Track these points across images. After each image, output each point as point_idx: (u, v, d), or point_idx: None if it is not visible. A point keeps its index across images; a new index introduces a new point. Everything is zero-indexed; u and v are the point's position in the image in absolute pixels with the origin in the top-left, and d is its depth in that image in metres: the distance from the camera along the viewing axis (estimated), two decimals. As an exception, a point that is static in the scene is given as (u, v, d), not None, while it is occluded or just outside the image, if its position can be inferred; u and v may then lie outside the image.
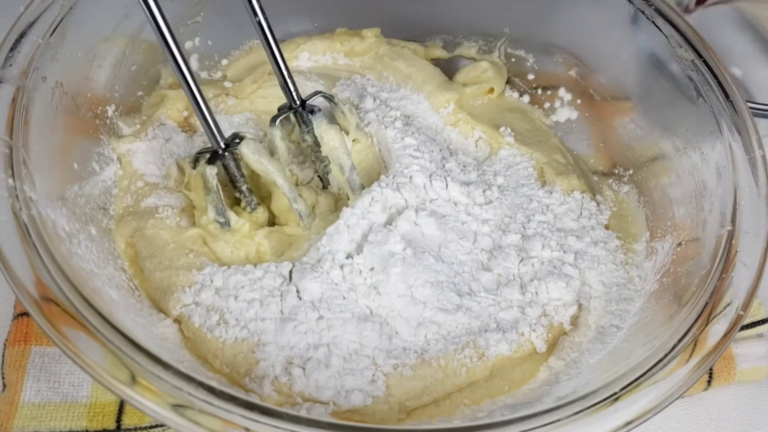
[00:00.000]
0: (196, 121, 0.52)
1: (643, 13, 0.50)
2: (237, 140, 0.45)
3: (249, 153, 0.45)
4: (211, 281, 0.43)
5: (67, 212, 0.40)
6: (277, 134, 0.48)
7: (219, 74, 0.56)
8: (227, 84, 0.54)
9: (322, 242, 0.44)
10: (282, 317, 0.41)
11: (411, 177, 0.48)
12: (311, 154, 0.50)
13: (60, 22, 0.42)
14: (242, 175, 0.46)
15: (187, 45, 0.54)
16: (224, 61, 0.57)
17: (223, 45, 0.57)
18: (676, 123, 0.49)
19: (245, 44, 0.58)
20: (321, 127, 0.48)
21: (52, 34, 0.42)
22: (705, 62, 0.47)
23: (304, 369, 0.39)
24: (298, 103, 0.48)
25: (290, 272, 0.43)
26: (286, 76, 0.46)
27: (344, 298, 0.42)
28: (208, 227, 0.45)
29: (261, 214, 0.48)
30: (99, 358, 0.32)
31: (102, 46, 0.47)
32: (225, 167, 0.45)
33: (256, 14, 0.44)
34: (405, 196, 0.47)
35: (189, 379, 0.31)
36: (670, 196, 0.48)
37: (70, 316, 0.32)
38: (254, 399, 0.32)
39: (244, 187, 0.47)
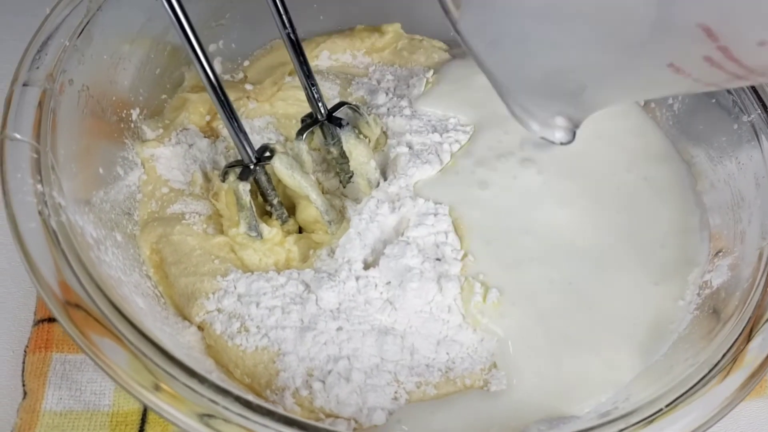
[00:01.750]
0: (219, 126, 0.52)
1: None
2: (267, 153, 0.44)
3: (282, 168, 0.44)
4: (235, 287, 0.42)
5: (94, 218, 0.39)
6: (303, 147, 0.47)
7: (240, 75, 0.56)
8: (248, 87, 0.53)
9: (337, 253, 0.44)
10: (302, 326, 0.40)
11: (411, 174, 0.47)
12: (336, 166, 0.49)
13: (87, 24, 0.42)
14: (273, 189, 0.45)
15: (211, 48, 0.53)
16: (245, 62, 0.56)
17: (246, 46, 0.56)
18: (710, 132, 0.48)
19: (267, 44, 0.57)
20: (350, 142, 0.47)
21: (78, 37, 0.41)
22: (740, 69, 0.46)
23: (324, 383, 0.38)
24: (324, 115, 0.47)
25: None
26: (314, 91, 0.45)
27: (363, 309, 0.41)
28: (236, 238, 0.45)
29: (292, 225, 0.48)
30: (129, 367, 0.31)
31: (127, 48, 0.46)
32: (256, 181, 0.44)
33: (285, 27, 0.43)
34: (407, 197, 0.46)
35: (225, 392, 0.30)
36: (705, 206, 0.47)
37: (103, 325, 0.32)
38: (288, 413, 0.31)
39: (275, 201, 0.46)
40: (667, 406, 0.32)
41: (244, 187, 0.43)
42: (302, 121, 0.48)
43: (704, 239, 0.46)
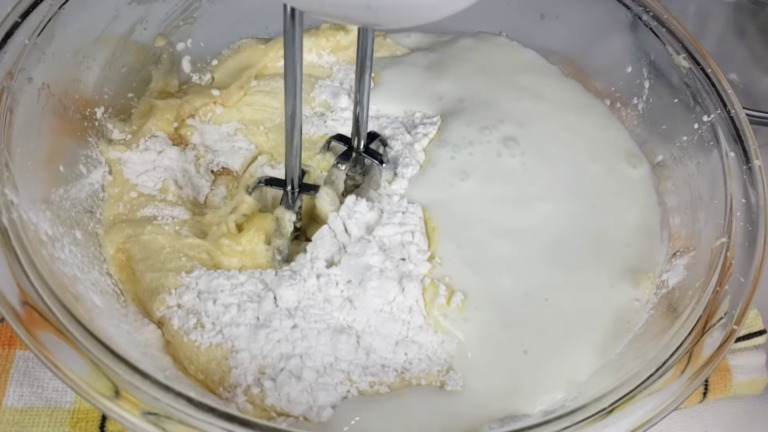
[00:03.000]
0: (187, 133, 0.51)
1: (640, 19, 0.50)
2: (302, 177, 0.44)
3: (326, 205, 0.45)
4: (197, 284, 0.42)
5: (51, 216, 0.39)
6: (341, 177, 0.47)
7: (208, 76, 0.55)
8: (214, 92, 0.53)
9: (308, 249, 0.44)
10: (257, 323, 0.40)
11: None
12: (351, 188, 0.50)
13: (48, 22, 0.42)
14: (299, 212, 0.45)
15: (179, 47, 0.53)
16: (214, 61, 0.56)
17: (215, 45, 0.56)
18: (672, 131, 0.48)
19: (235, 43, 0.57)
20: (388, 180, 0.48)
21: (39, 35, 0.41)
22: (703, 70, 0.46)
23: (275, 381, 0.38)
24: (363, 147, 0.47)
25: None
26: (364, 124, 0.46)
27: (321, 307, 0.41)
28: (223, 247, 0.45)
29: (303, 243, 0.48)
30: (77, 366, 0.31)
31: (91, 47, 0.46)
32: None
33: (365, 67, 0.42)
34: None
35: (167, 389, 0.30)
36: (666, 205, 0.48)
37: (48, 322, 0.32)
38: (233, 410, 0.31)
39: (298, 224, 0.46)
40: (611, 405, 0.32)
41: (291, 218, 0.44)
42: (328, 142, 0.48)
43: (664, 239, 0.46)
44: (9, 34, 0.40)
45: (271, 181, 0.45)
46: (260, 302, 0.41)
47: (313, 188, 0.44)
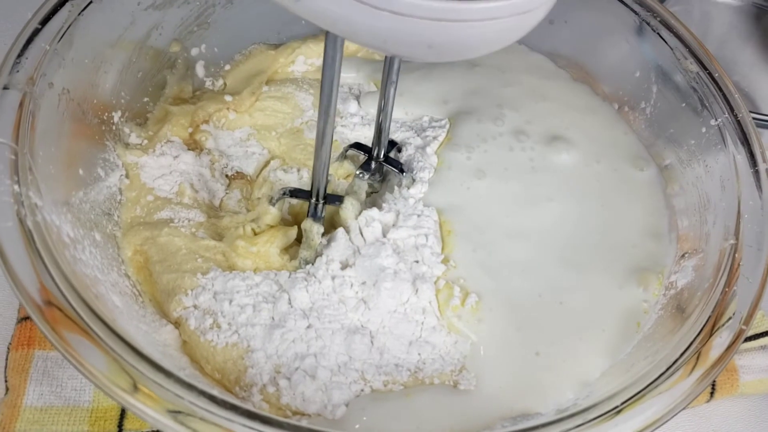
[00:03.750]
0: (201, 139, 0.52)
1: (648, 24, 0.51)
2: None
3: (350, 215, 0.46)
4: (213, 285, 0.43)
5: (72, 218, 0.40)
6: (364, 186, 0.48)
7: (220, 81, 0.56)
8: (227, 98, 0.54)
9: (324, 252, 0.44)
10: (272, 324, 0.41)
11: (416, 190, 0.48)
12: (369, 194, 0.51)
13: (68, 28, 0.43)
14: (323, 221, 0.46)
15: (194, 52, 0.54)
16: (227, 66, 0.57)
17: (229, 50, 0.57)
18: (680, 135, 0.49)
19: (247, 48, 0.57)
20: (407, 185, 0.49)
21: (59, 41, 0.42)
22: (710, 74, 0.47)
23: (290, 380, 0.39)
24: (384, 156, 0.48)
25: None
26: (386, 132, 0.46)
27: (335, 308, 0.42)
28: (238, 248, 0.45)
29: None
30: (100, 364, 0.32)
31: (108, 52, 0.47)
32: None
33: (391, 81, 0.43)
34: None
35: (190, 387, 0.31)
36: (674, 208, 0.48)
37: (73, 321, 0.32)
38: (254, 408, 0.32)
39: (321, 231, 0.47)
40: (621, 404, 0.33)
41: (318, 230, 0.45)
42: (346, 150, 0.49)
43: (672, 241, 0.47)
44: (30, 40, 0.41)
45: (296, 193, 0.46)
46: (275, 303, 0.42)
47: (338, 199, 0.45)
